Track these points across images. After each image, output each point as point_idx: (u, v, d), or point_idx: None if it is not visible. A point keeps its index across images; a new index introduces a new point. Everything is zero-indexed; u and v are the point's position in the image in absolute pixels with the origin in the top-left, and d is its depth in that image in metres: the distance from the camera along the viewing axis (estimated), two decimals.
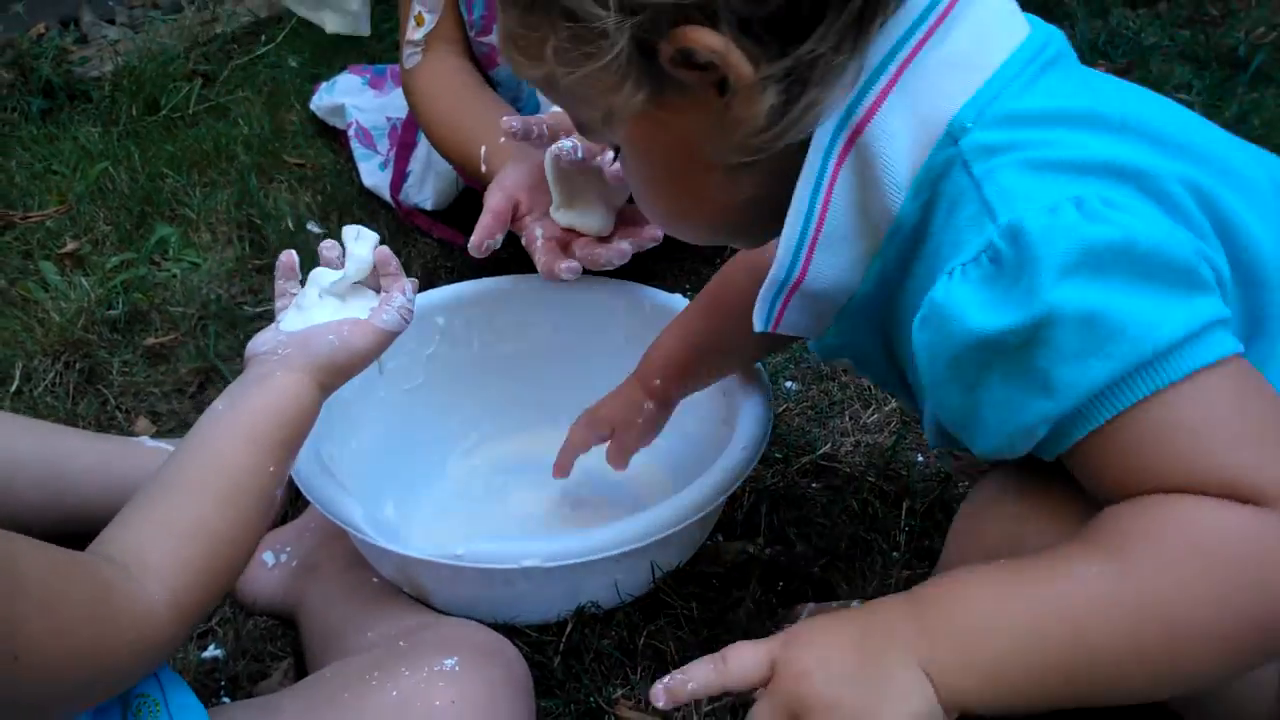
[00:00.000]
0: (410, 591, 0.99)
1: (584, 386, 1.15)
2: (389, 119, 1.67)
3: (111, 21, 2.28)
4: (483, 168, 1.27)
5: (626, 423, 1.04)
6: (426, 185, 1.54)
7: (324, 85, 1.84)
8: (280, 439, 0.80)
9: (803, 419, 1.25)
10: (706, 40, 0.61)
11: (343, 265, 0.91)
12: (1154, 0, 2.14)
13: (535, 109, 1.39)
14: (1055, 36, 0.70)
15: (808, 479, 1.17)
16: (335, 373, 0.85)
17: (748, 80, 0.62)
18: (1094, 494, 0.65)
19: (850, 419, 1.25)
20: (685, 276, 1.47)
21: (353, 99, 1.74)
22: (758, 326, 0.76)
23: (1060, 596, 0.61)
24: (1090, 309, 0.60)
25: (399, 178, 1.57)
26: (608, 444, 1.07)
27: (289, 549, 1.08)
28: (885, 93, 0.65)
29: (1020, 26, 0.69)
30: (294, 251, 0.92)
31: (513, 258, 1.49)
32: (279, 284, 0.92)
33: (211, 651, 1.02)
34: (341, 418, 1.06)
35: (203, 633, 1.04)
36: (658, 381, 1.03)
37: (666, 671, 0.94)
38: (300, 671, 0.99)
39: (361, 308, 0.90)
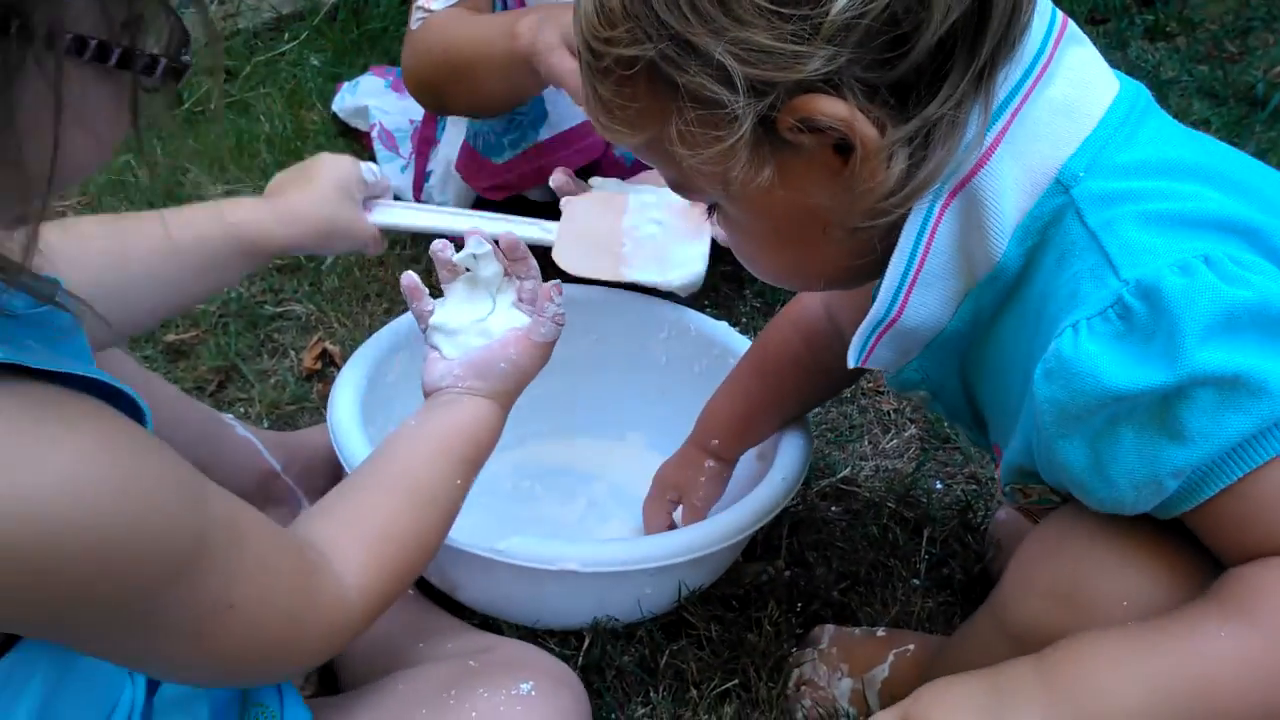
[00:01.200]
0: (437, 582, 0.99)
1: (621, 401, 1.16)
2: (412, 121, 1.67)
3: None
4: (518, 39, 1.18)
5: (691, 483, 1.05)
6: (448, 187, 1.54)
7: (346, 86, 1.85)
8: (469, 457, 0.82)
9: (822, 442, 1.25)
10: (831, 109, 0.61)
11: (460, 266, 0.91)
12: (1172, 34, 2.16)
13: None
14: (1141, 87, 0.71)
15: (827, 502, 1.18)
16: (513, 393, 0.88)
17: (874, 146, 0.62)
18: (1219, 555, 0.66)
19: (870, 444, 1.26)
20: (704, 292, 1.47)
21: (376, 100, 1.74)
22: (851, 362, 0.76)
23: (1190, 660, 0.61)
24: (1233, 371, 0.60)
25: (420, 177, 1.57)
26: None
27: None
28: (998, 141, 0.65)
29: (1110, 74, 0.70)
30: (412, 273, 0.91)
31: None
32: (414, 307, 0.90)
33: None
34: (383, 407, 1.07)
35: None
36: (716, 441, 1.04)
37: (688, 692, 0.96)
38: (323, 677, 0.99)
39: (509, 309, 0.89)
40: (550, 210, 1.30)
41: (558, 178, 1.21)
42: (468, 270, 0.90)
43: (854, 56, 0.60)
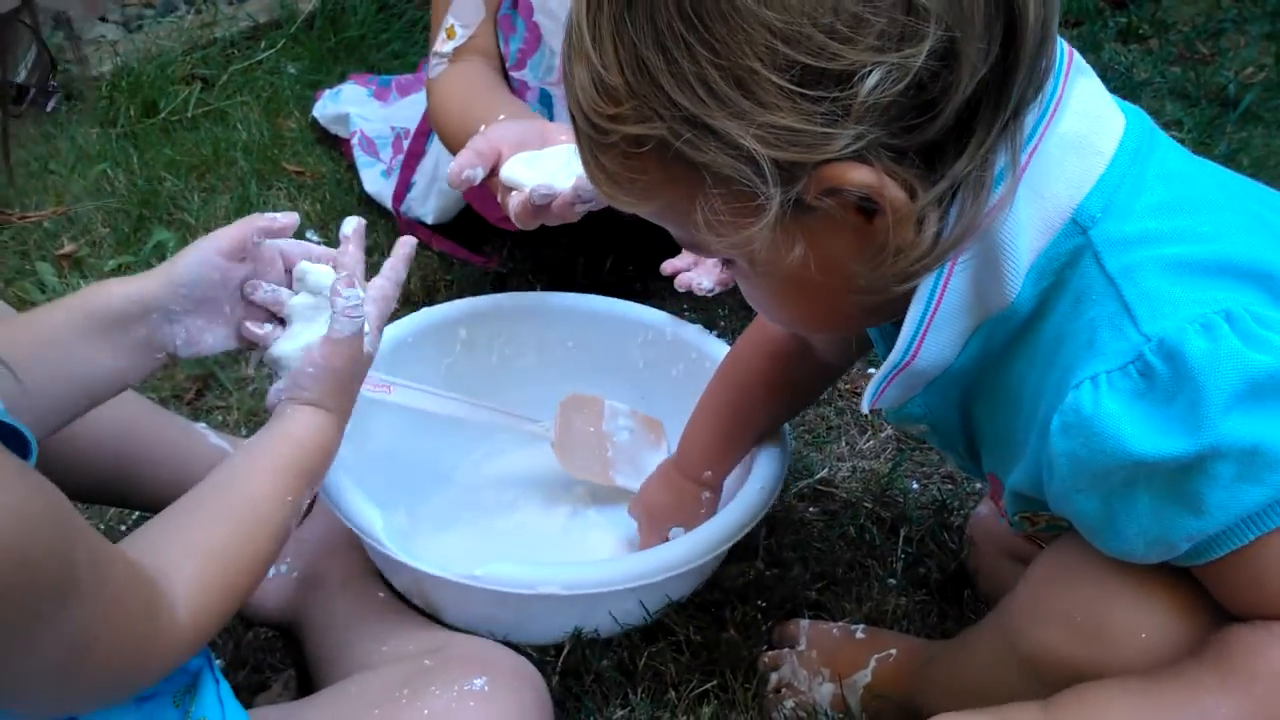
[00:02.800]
0: (420, 604, 0.99)
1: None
2: (394, 128, 1.68)
3: (104, 18, 2.28)
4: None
5: (693, 516, 1.04)
6: (430, 199, 1.54)
7: (327, 93, 1.85)
8: (299, 468, 0.81)
9: (800, 443, 1.26)
10: (859, 178, 0.58)
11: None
12: (1145, 36, 2.18)
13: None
14: (1143, 115, 0.70)
15: (805, 503, 1.19)
16: (335, 394, 0.86)
17: (904, 211, 0.60)
18: (1225, 606, 0.67)
19: (847, 444, 1.27)
20: (683, 295, 1.48)
21: (358, 108, 1.75)
22: (865, 407, 0.76)
23: None
24: (1254, 442, 0.60)
25: (403, 188, 1.57)
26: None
27: (288, 560, 1.08)
28: (1016, 183, 0.63)
29: (1114, 105, 0.69)
30: (250, 324, 0.90)
31: (518, 273, 1.50)
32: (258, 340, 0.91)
33: None
34: (357, 422, 1.06)
35: None
36: (709, 473, 1.04)
37: (666, 694, 0.96)
38: (302, 683, 1.00)
39: (322, 321, 0.88)
40: (562, 231, 1.30)
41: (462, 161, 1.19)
42: (297, 293, 0.90)
43: (883, 129, 0.57)
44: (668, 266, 1.24)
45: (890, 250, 0.61)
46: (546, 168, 1.12)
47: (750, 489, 1.00)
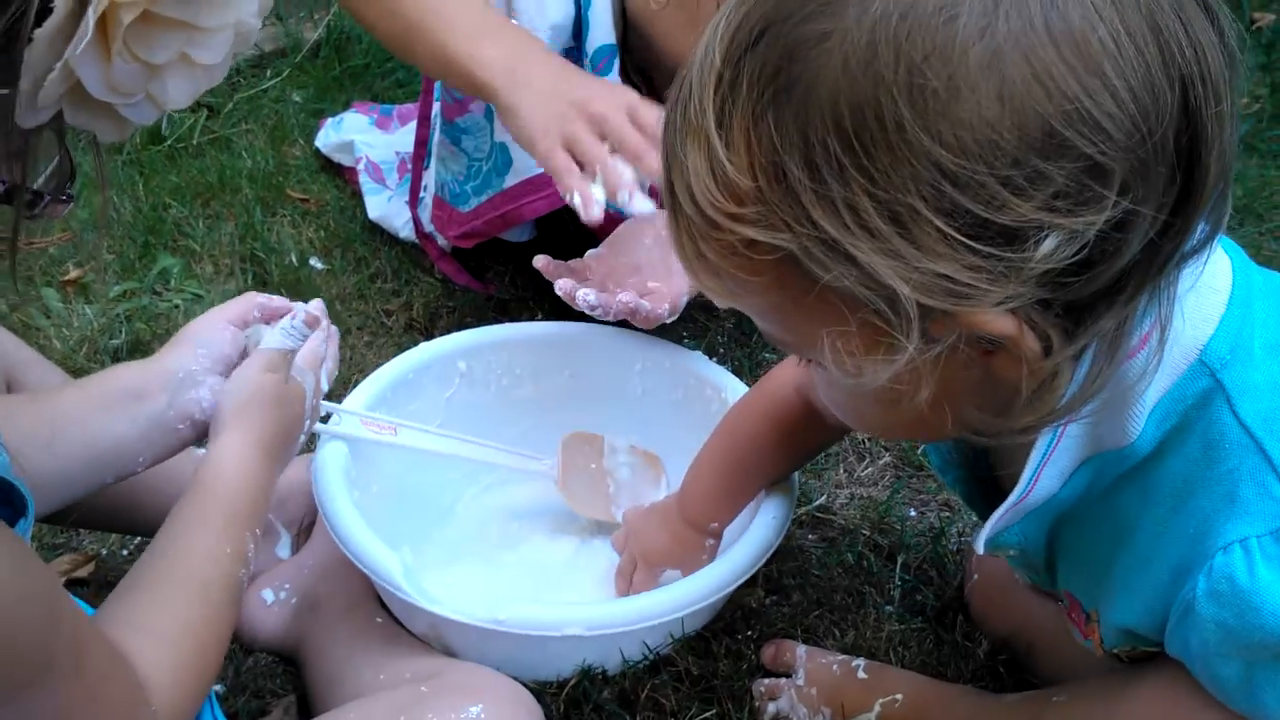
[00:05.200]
0: (437, 647, 0.99)
1: (604, 432, 1.19)
2: (398, 154, 1.70)
3: None
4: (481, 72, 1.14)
5: (692, 562, 1.03)
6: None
7: (330, 122, 1.86)
8: (226, 515, 0.80)
9: (798, 471, 1.27)
10: (999, 327, 0.54)
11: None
12: None
13: None
14: (1228, 241, 0.68)
15: (804, 530, 1.19)
16: (250, 413, 0.85)
17: (1037, 365, 0.56)
18: None
19: (845, 471, 1.27)
20: (681, 322, 1.49)
21: (361, 136, 1.77)
22: (980, 551, 0.75)
23: None
24: None
25: (416, 184, 1.55)
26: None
27: (288, 586, 1.08)
28: (1163, 342, 0.60)
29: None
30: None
31: (519, 300, 1.51)
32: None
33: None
34: (364, 463, 1.08)
35: None
36: (714, 524, 1.02)
37: None
38: (303, 709, 1.00)
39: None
40: (526, 250, 1.30)
41: (540, 260, 1.23)
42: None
43: (1040, 288, 0.53)
44: (540, 262, 1.22)
45: (1016, 401, 0.58)
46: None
47: (762, 521, 1.01)
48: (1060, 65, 0.51)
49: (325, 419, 1.06)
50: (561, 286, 1.19)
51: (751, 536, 0.99)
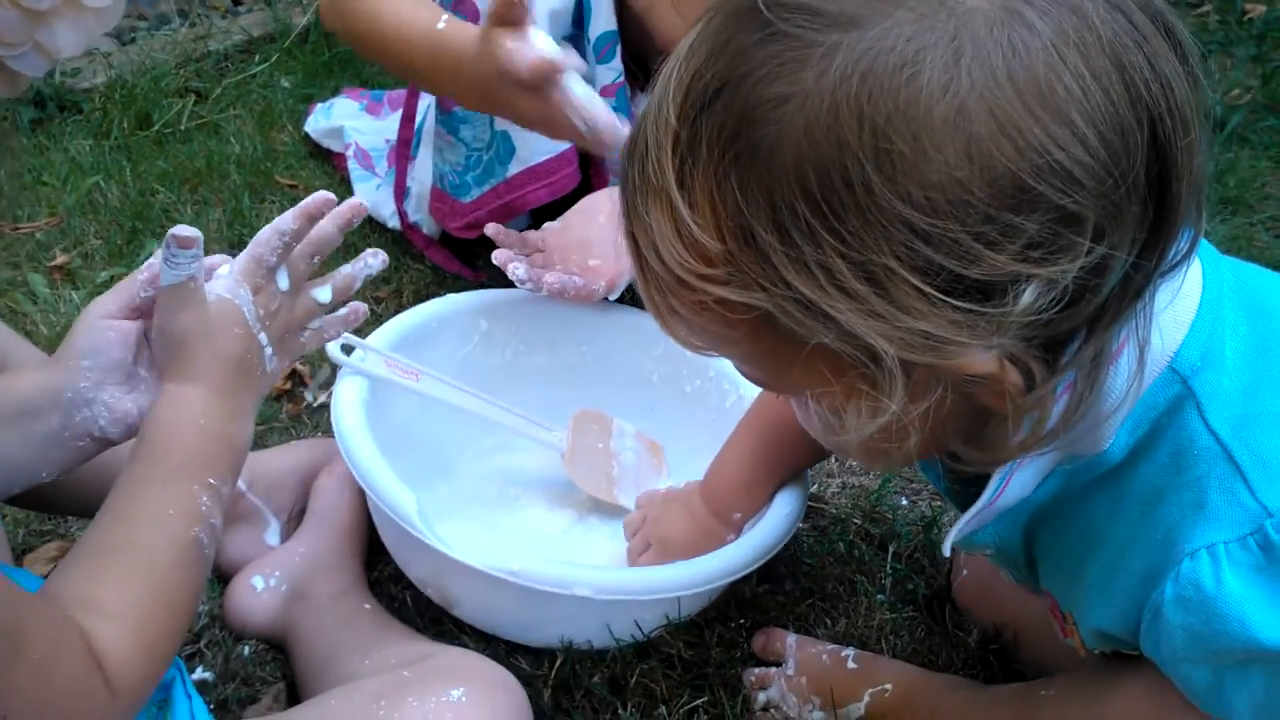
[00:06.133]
0: (434, 596, 0.98)
1: (609, 412, 1.20)
2: (387, 141, 1.68)
3: None
4: (439, 24, 1.13)
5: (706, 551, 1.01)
6: (423, 207, 1.54)
7: (319, 107, 1.85)
8: (164, 471, 0.74)
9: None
10: (981, 368, 0.53)
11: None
12: None
13: None
14: (1203, 242, 0.65)
15: None
16: (177, 361, 0.78)
17: (1020, 402, 0.55)
18: None
19: (836, 461, 1.27)
20: None
21: (351, 122, 1.76)
22: (946, 551, 0.76)
23: None
24: None
25: (402, 181, 1.55)
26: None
27: (278, 574, 1.08)
28: (1143, 360, 0.59)
29: None
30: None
31: (510, 287, 1.50)
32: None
33: (200, 674, 1.02)
34: (375, 403, 1.06)
35: (191, 655, 1.04)
36: (738, 515, 1.02)
37: (656, 709, 0.96)
38: (292, 696, 1.00)
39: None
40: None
41: (492, 229, 1.24)
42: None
43: (1021, 334, 0.53)
44: (491, 230, 1.24)
45: (999, 430, 0.58)
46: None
47: (782, 503, 1.01)
48: (1027, 118, 0.50)
49: (349, 351, 1.06)
50: (497, 257, 1.20)
51: (771, 519, 0.99)
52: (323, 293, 0.89)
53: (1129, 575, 0.68)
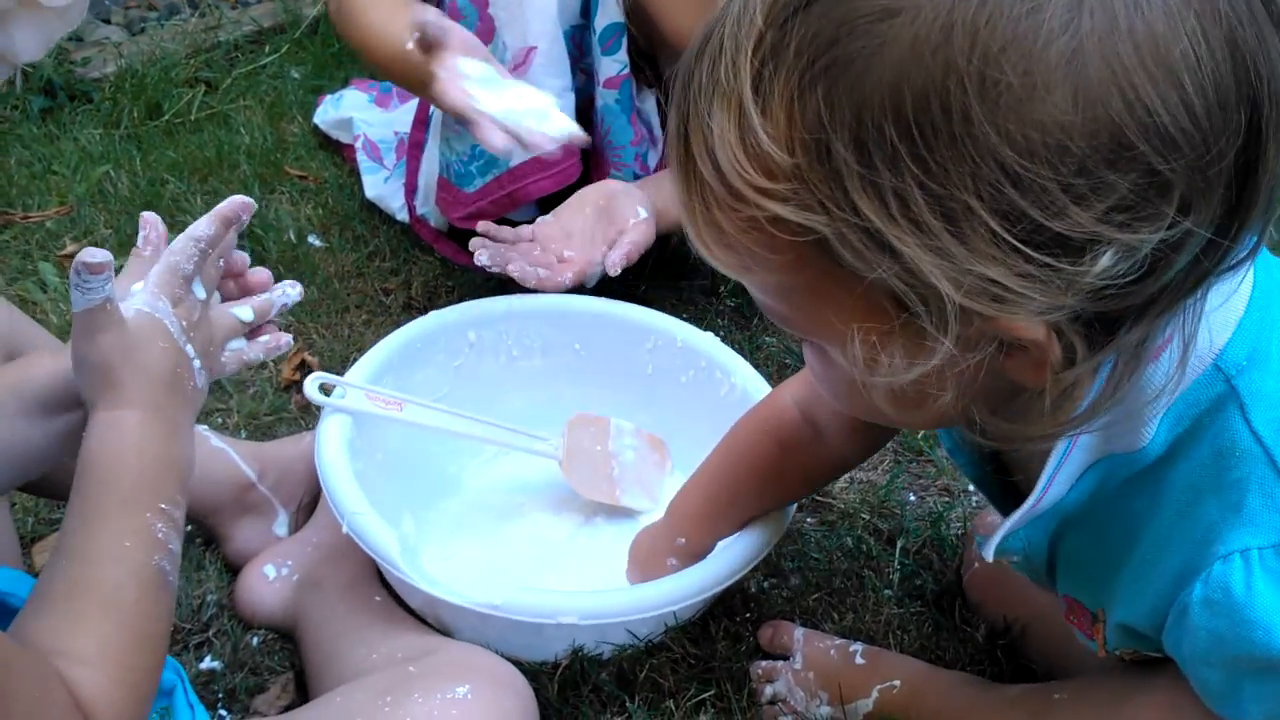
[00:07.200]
0: (434, 624, 0.99)
1: (606, 412, 1.19)
2: (397, 133, 1.68)
3: (107, 21, 2.29)
4: (408, 44, 1.17)
5: (650, 568, 1.02)
6: (431, 200, 1.54)
7: (329, 99, 1.85)
8: (114, 502, 0.71)
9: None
10: (1029, 333, 0.51)
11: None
12: None
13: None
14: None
15: (803, 513, 1.19)
16: (100, 388, 0.73)
17: (1059, 372, 0.54)
18: None
19: None
20: (681, 304, 1.48)
21: (360, 113, 1.75)
22: (989, 558, 0.74)
23: None
24: None
25: (412, 178, 1.56)
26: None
27: (290, 563, 1.08)
28: (1186, 355, 0.58)
29: None
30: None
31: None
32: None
33: (209, 663, 1.02)
34: (369, 429, 1.07)
35: (200, 644, 1.04)
36: (682, 541, 1.00)
37: (663, 703, 0.96)
38: (300, 686, 1.00)
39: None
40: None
41: (484, 224, 1.28)
42: None
43: (1085, 301, 0.50)
44: (483, 225, 1.28)
45: (1027, 405, 0.56)
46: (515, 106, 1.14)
47: (765, 520, 0.99)
48: (1141, 72, 0.48)
49: (328, 391, 1.05)
50: (472, 243, 1.23)
51: (752, 531, 0.98)
52: (244, 311, 0.86)
53: (1163, 573, 0.67)
